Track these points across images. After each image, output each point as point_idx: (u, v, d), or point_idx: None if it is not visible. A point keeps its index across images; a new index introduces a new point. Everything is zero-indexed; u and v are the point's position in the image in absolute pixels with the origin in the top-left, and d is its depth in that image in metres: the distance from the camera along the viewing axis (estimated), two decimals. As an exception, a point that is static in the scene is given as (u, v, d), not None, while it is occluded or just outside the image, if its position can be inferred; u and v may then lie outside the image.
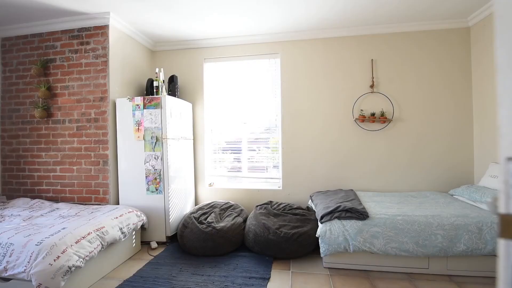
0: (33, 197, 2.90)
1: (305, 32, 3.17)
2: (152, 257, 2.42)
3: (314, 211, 2.64)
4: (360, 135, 3.11)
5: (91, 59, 2.82)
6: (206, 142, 3.46)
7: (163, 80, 2.99)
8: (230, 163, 3.51)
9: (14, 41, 3.04)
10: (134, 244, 2.52)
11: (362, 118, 3.03)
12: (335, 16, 2.81)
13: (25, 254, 1.70)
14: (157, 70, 2.97)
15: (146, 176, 2.74)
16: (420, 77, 3.03)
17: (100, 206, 2.61)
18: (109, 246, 2.12)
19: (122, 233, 2.24)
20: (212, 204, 2.90)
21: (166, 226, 2.71)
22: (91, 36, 2.82)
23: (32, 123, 2.96)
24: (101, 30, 2.80)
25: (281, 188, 3.26)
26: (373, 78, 3.07)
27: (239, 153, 3.46)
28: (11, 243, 1.77)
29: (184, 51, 3.50)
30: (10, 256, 1.72)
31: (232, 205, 2.90)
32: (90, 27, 2.82)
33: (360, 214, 2.13)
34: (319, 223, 2.26)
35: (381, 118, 3.00)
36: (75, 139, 2.85)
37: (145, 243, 2.72)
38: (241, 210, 2.86)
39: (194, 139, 3.44)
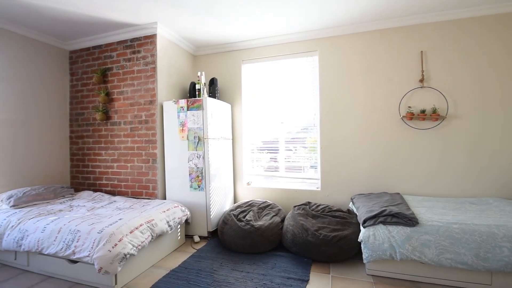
0: (95, 190, 3.31)
1: (344, 27, 3.03)
2: (195, 250, 2.57)
3: (356, 214, 2.53)
4: (408, 134, 2.87)
5: (142, 66, 3.09)
6: (244, 141, 3.54)
7: (204, 83, 3.14)
8: (267, 163, 3.54)
9: (79, 53, 3.48)
10: (179, 237, 2.70)
11: (410, 116, 2.79)
12: (377, 8, 2.63)
13: (89, 240, 1.94)
14: (199, 73, 3.13)
15: (189, 174, 2.91)
16: (478, 69, 2.68)
17: (149, 200, 2.86)
18: (157, 237, 2.31)
19: (169, 226, 2.42)
20: (250, 202, 2.96)
21: (207, 222, 2.85)
22: (141, 45, 3.09)
23: (94, 125, 3.36)
24: (150, 39, 3.04)
25: (319, 189, 3.18)
26: (422, 71, 2.81)
27: (276, 152, 3.46)
28: (78, 230, 2.03)
29: (223, 54, 3.62)
30: (77, 241, 1.98)
31: (269, 205, 2.93)
32: (141, 37, 3.09)
33: (409, 220, 1.97)
34: (361, 227, 2.16)
35: (433, 116, 2.73)
36: (129, 139, 3.15)
37: (188, 237, 2.90)
38: (279, 209, 2.87)
39: (233, 139, 3.55)
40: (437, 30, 2.79)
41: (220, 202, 3.07)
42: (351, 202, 2.84)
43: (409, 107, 2.84)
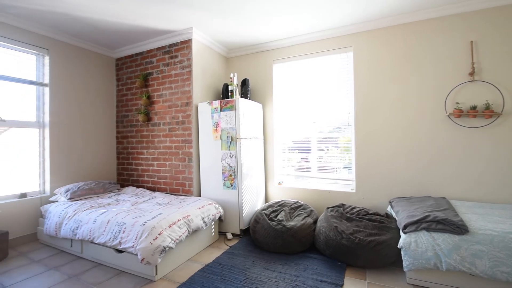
0: (137, 186, 3.58)
1: (381, 20, 2.87)
2: (228, 247, 2.64)
3: (395, 218, 2.38)
4: (456, 132, 2.62)
5: (179, 70, 3.26)
6: (275, 141, 3.54)
7: (237, 84, 3.21)
8: (297, 163, 3.49)
9: (124, 60, 3.79)
10: (213, 233, 2.80)
11: (459, 113, 2.55)
12: (422, -3, 2.45)
13: (133, 232, 2.11)
14: (231, 75, 3.21)
15: (222, 173, 3.00)
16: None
17: (186, 197, 3.01)
18: (193, 233, 2.43)
19: (204, 222, 2.53)
20: (282, 202, 2.96)
21: (239, 220, 2.91)
22: (178, 50, 3.27)
23: (137, 126, 3.64)
24: (186, 44, 3.20)
25: (354, 190, 3.06)
26: (473, 63, 2.54)
27: (307, 152, 3.40)
28: (124, 222, 2.22)
29: (254, 55, 3.66)
30: (123, 233, 2.16)
31: (301, 205, 2.89)
32: (178, 42, 3.26)
33: (457, 228, 1.80)
34: (401, 233, 2.03)
35: (486, 112, 2.46)
36: (168, 139, 3.36)
37: (221, 234, 2.99)
38: (311, 210, 2.82)
39: (264, 139, 3.57)
40: (487, 18, 2.51)
41: (251, 201, 3.11)
42: (389, 206, 2.68)
43: (457, 103, 2.59)
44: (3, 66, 2.78)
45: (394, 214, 2.44)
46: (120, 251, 2.21)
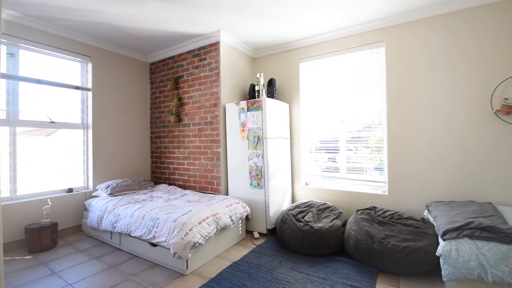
0: (169, 184, 3.76)
1: (414, 12, 2.69)
2: (255, 246, 2.67)
3: (432, 224, 2.23)
4: (504, 131, 2.37)
5: (207, 72, 3.37)
6: (302, 141, 3.50)
7: (263, 84, 3.23)
8: (324, 163, 3.41)
9: (157, 64, 4.00)
10: (240, 232, 2.85)
11: (507, 110, 2.31)
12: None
13: (166, 228, 2.22)
14: (258, 75, 3.23)
15: (249, 172, 3.04)
16: None
17: (214, 195, 3.10)
18: (221, 230, 2.49)
19: (232, 220, 2.58)
20: (309, 203, 2.91)
21: (266, 219, 2.92)
22: (207, 53, 3.37)
23: (169, 126, 3.82)
24: (214, 47, 3.29)
25: (386, 193, 2.91)
26: (528, 55, 2.28)
27: (335, 152, 3.31)
28: (158, 218, 2.35)
29: (280, 54, 3.65)
30: (157, 228, 2.29)
31: (329, 207, 2.82)
32: (206, 45, 3.36)
33: (505, 236, 1.64)
34: (440, 240, 1.89)
35: (543, 109, 2.19)
36: (197, 139, 3.48)
37: (248, 232, 3.03)
38: (340, 212, 2.74)
39: (290, 138, 3.55)
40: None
41: (278, 201, 3.11)
42: (426, 210, 2.51)
43: (505, 99, 2.35)
44: (53, 74, 3.09)
45: (431, 219, 2.28)
46: (154, 245, 2.34)
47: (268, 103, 2.99)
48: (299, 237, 2.42)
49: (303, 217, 2.64)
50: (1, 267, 1.41)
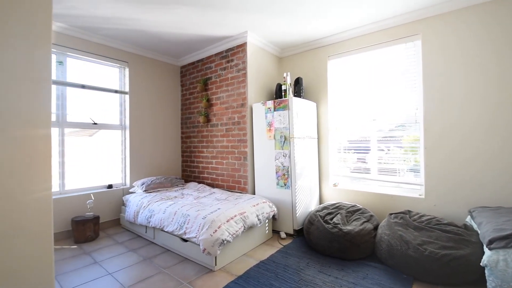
0: (199, 182, 3.90)
1: (455, 1, 2.48)
2: (282, 246, 2.67)
3: (476, 231, 2.04)
4: None
5: (234, 73, 3.42)
6: (330, 141, 3.41)
7: (290, 83, 3.20)
8: (353, 164, 3.29)
9: (187, 67, 4.16)
10: (267, 231, 2.86)
11: None
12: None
13: (196, 224, 2.31)
14: (285, 74, 3.21)
15: (276, 172, 3.04)
16: None
17: (241, 194, 3.15)
18: (248, 229, 2.52)
19: (258, 219, 2.61)
20: (338, 205, 2.83)
21: (293, 220, 2.90)
22: (234, 54, 3.43)
23: (198, 127, 3.96)
24: (241, 48, 3.34)
25: (423, 196, 2.72)
26: None
27: (364, 152, 3.17)
28: (188, 214, 2.45)
29: (308, 53, 3.59)
30: (187, 224, 2.39)
31: (360, 209, 2.72)
32: (234, 46, 3.42)
33: None
34: (485, 249, 1.73)
35: None
36: (225, 138, 3.56)
37: (275, 232, 3.04)
38: (371, 215, 2.63)
39: (318, 138, 3.48)
40: None
41: (305, 202, 3.07)
42: (469, 216, 2.31)
43: None
44: (95, 79, 3.36)
45: (475, 226, 2.09)
46: (185, 240, 2.44)
47: (295, 102, 2.96)
48: (327, 239, 2.36)
49: (331, 219, 2.57)
50: (52, 255, 1.57)
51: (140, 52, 3.71)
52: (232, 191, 3.41)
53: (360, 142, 3.22)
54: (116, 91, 3.55)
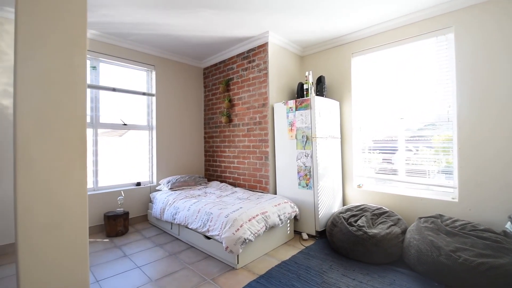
0: (221, 181, 3.98)
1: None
2: (304, 247, 2.64)
3: (519, 239, 1.88)
4: None
5: (256, 73, 3.44)
6: (354, 141, 3.30)
7: (312, 82, 3.15)
8: (378, 164, 3.16)
9: (210, 69, 4.25)
10: (288, 232, 2.85)
11: None
12: None
13: (219, 222, 2.36)
14: (307, 73, 3.17)
15: (297, 172, 3.01)
16: None
17: (263, 194, 3.16)
18: (270, 229, 2.53)
19: (280, 219, 2.60)
20: (362, 207, 2.74)
21: (315, 221, 2.86)
22: (255, 55, 3.44)
23: (220, 127, 4.04)
24: (263, 48, 3.34)
25: (456, 200, 2.55)
26: None
27: (391, 153, 3.03)
28: (211, 212, 2.51)
29: (330, 50, 3.51)
30: (211, 222, 2.45)
31: (386, 212, 2.61)
32: (255, 47, 3.44)
33: None
34: (529, 259, 1.59)
35: None
36: (246, 138, 3.60)
37: (297, 233, 3.01)
38: (398, 219, 2.51)
39: (341, 138, 3.39)
40: None
41: (328, 203, 3.01)
42: (509, 222, 2.13)
43: None
44: (124, 82, 3.55)
45: (517, 234, 1.92)
46: (208, 238, 2.51)
47: (317, 101, 2.91)
48: (351, 242, 2.30)
49: (355, 221, 2.50)
50: (87, 247, 1.69)
51: (165, 55, 3.86)
52: (253, 191, 3.43)
53: (386, 142, 3.09)
54: (143, 93, 3.73)
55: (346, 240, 2.34)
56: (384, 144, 3.11)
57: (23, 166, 1.47)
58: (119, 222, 3.04)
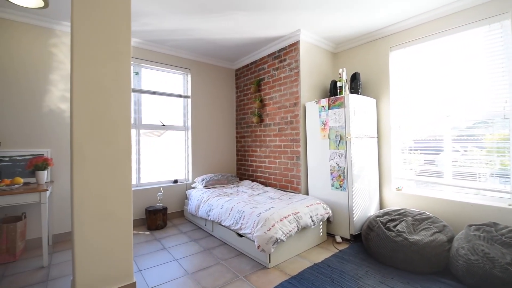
0: (252, 180, 4.03)
1: None
2: (337, 251, 2.56)
3: None
4: None
5: (287, 72, 3.42)
6: (393, 140, 3.11)
7: (346, 79, 3.04)
8: (420, 166, 2.92)
9: (241, 70, 4.33)
10: (321, 234, 2.79)
11: None
12: None
13: (251, 221, 2.40)
14: (340, 70, 3.06)
15: (330, 173, 2.93)
16: None
17: (294, 194, 3.14)
18: (302, 230, 2.50)
19: (312, 221, 2.56)
20: (402, 211, 2.57)
21: (350, 224, 2.76)
22: (287, 54, 3.42)
23: (252, 127, 4.09)
24: (294, 46, 3.31)
25: (515, 207, 2.27)
26: None
27: (434, 153, 2.79)
28: (243, 211, 2.56)
29: (366, 45, 3.34)
30: (243, 220, 2.50)
31: (429, 217, 2.42)
32: (286, 46, 3.42)
33: None
34: None
35: None
36: (277, 138, 3.60)
37: (330, 235, 2.93)
38: (444, 226, 2.30)
39: (378, 137, 3.22)
40: None
41: (363, 206, 2.88)
42: None
43: None
44: (163, 85, 3.78)
45: None
46: (240, 235, 2.56)
47: (352, 99, 2.80)
48: (390, 248, 2.17)
49: (394, 226, 2.35)
50: (131, 238, 1.84)
51: (200, 59, 4.02)
52: (284, 191, 3.42)
53: (429, 141, 2.85)
54: (180, 96, 3.93)
55: (383, 246, 2.22)
56: (426, 144, 2.88)
57: (77, 163, 1.66)
58: (159, 216, 3.25)
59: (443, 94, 2.73)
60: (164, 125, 3.77)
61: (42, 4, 2.40)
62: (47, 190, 2.32)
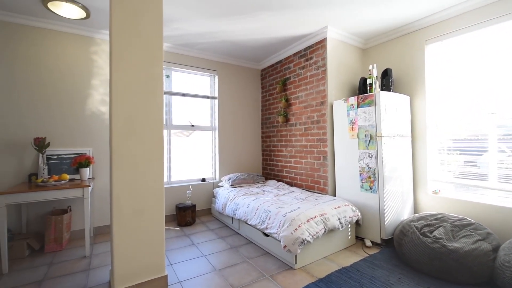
0: (278, 180, 4.02)
1: None
2: (367, 255, 2.46)
3: None
4: None
5: (314, 71, 3.36)
6: (429, 140, 2.91)
7: (376, 76, 2.90)
8: (459, 168, 2.70)
9: (267, 70, 4.33)
10: (349, 237, 2.70)
11: None
12: None
13: (277, 221, 2.40)
14: (370, 67, 2.94)
15: (360, 174, 2.82)
16: None
17: (321, 195, 3.07)
18: (329, 232, 2.45)
19: (340, 223, 2.49)
20: (440, 216, 2.40)
21: (380, 228, 2.64)
22: (313, 52, 3.36)
23: (277, 126, 4.08)
24: (321, 44, 3.24)
25: None
26: None
27: (476, 154, 2.56)
28: (269, 211, 2.56)
29: (398, 40, 3.16)
30: (269, 219, 2.50)
31: (471, 224, 2.23)
32: (312, 44, 3.36)
33: None
34: None
35: None
36: (303, 138, 3.55)
37: (359, 239, 2.83)
38: (487, 233, 2.11)
39: (412, 137, 3.03)
40: None
41: (396, 209, 2.73)
42: None
43: None
44: (192, 87, 3.92)
45: None
46: (266, 235, 2.57)
47: (383, 97, 2.67)
48: (425, 255, 2.04)
49: (431, 231, 2.20)
50: (164, 233, 1.94)
51: (226, 60, 4.11)
52: (311, 191, 3.37)
53: (470, 141, 2.63)
54: (207, 97, 4.04)
55: (418, 252, 2.09)
56: (467, 144, 2.65)
57: (116, 162, 1.78)
58: (188, 213, 3.39)
59: (487, 89, 2.49)
60: (193, 126, 3.90)
61: (84, 15, 2.62)
62: (89, 186, 2.53)
